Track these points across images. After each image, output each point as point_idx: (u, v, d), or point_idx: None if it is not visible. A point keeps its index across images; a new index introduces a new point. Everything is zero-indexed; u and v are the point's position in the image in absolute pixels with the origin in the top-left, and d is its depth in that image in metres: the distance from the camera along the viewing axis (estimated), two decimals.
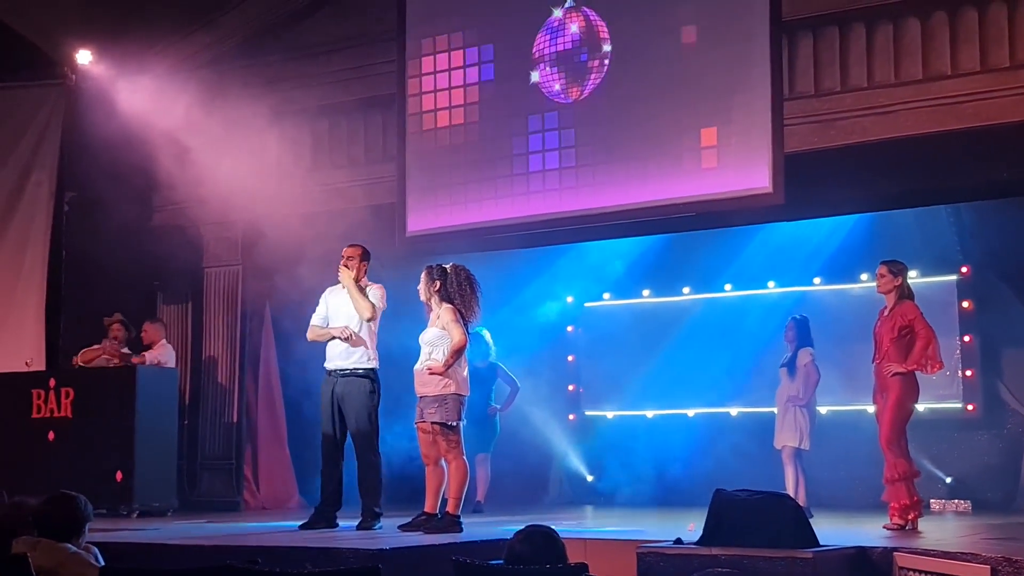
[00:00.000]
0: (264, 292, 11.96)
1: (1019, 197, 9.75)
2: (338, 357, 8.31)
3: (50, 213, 11.56)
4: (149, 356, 10.82)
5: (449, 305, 7.80)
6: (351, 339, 8.23)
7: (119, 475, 9.84)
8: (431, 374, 7.68)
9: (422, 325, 8.03)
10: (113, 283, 11.49)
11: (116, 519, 9.37)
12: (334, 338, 8.29)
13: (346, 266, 8.37)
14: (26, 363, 10.85)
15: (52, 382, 10.28)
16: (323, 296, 8.58)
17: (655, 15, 9.66)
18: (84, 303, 11.36)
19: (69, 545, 4.90)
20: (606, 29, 9.85)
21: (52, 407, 10.19)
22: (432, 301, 7.90)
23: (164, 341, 11.17)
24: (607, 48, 9.84)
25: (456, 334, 7.68)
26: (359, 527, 8.06)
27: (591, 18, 9.93)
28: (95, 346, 10.84)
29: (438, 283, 7.85)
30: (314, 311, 8.57)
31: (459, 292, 7.83)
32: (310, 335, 8.52)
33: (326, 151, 11.31)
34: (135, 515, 9.75)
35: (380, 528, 8.07)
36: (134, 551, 6.82)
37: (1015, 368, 11.25)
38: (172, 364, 11.03)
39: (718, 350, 12.02)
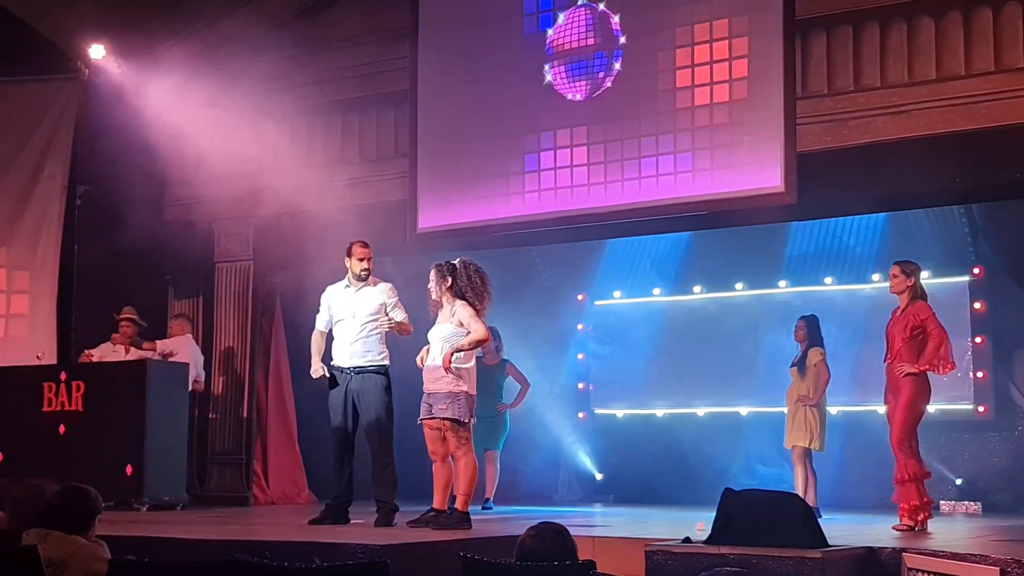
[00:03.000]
0: (275, 287, 11.99)
1: None
2: (353, 355, 8.31)
3: (62, 206, 11.58)
4: (160, 345, 10.89)
5: (463, 300, 7.79)
6: (357, 339, 8.27)
7: (129, 469, 9.86)
8: (445, 368, 7.66)
9: (429, 321, 8.02)
10: (125, 277, 11.52)
11: (126, 513, 9.39)
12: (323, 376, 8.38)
13: (368, 268, 8.35)
14: (37, 356, 10.88)
15: (63, 375, 10.30)
16: (323, 297, 8.56)
17: (668, 13, 9.66)
18: (96, 297, 11.38)
19: (79, 537, 4.91)
20: (619, 27, 9.85)
21: (63, 400, 10.21)
22: (444, 298, 7.89)
23: (187, 336, 11.20)
24: (619, 46, 9.83)
25: (479, 329, 7.68)
26: (378, 523, 8.04)
27: (603, 15, 9.93)
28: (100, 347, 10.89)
29: (449, 279, 7.83)
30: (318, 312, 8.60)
31: (470, 286, 7.80)
32: (313, 341, 8.55)
33: (338, 147, 11.32)
34: (145, 509, 9.77)
35: (396, 524, 8.07)
36: (143, 545, 6.82)
37: None
38: (186, 358, 11.04)
39: (728, 349, 12.01)
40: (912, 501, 7.90)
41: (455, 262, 7.91)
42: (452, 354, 7.61)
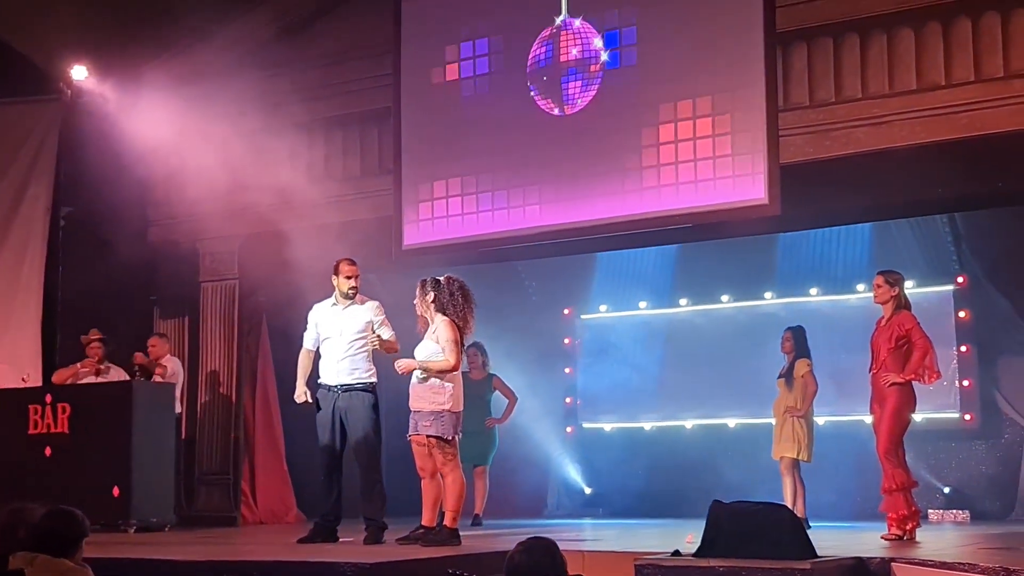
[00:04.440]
0: (261, 306, 11.96)
1: (1015, 207, 9.78)
2: (340, 373, 8.30)
3: (46, 228, 11.54)
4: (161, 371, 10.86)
5: (445, 317, 7.77)
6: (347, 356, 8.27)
7: (116, 490, 9.81)
8: (399, 367, 7.72)
9: (416, 338, 8.01)
10: (110, 298, 11.48)
11: (113, 534, 9.35)
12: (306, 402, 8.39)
13: (356, 287, 8.34)
14: (23, 379, 10.83)
15: (49, 397, 10.25)
16: (310, 315, 8.54)
17: (649, 28, 9.68)
18: (81, 319, 11.33)
19: (66, 560, 4.88)
20: (599, 42, 9.87)
21: (49, 422, 10.17)
22: (427, 314, 7.89)
23: (170, 355, 11.19)
24: (601, 61, 9.85)
25: (450, 358, 7.64)
26: (367, 541, 8.02)
27: (584, 31, 9.94)
28: (73, 365, 10.84)
29: (432, 294, 7.82)
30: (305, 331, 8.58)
31: (451, 303, 7.78)
32: (300, 361, 8.53)
33: (322, 164, 11.31)
34: (132, 530, 9.73)
35: (385, 541, 8.05)
36: (130, 567, 6.79)
37: (1012, 378, 11.27)
38: (178, 379, 11.01)
39: (715, 361, 12.03)
40: (900, 510, 7.91)
41: (440, 278, 7.91)
42: (416, 368, 7.63)
